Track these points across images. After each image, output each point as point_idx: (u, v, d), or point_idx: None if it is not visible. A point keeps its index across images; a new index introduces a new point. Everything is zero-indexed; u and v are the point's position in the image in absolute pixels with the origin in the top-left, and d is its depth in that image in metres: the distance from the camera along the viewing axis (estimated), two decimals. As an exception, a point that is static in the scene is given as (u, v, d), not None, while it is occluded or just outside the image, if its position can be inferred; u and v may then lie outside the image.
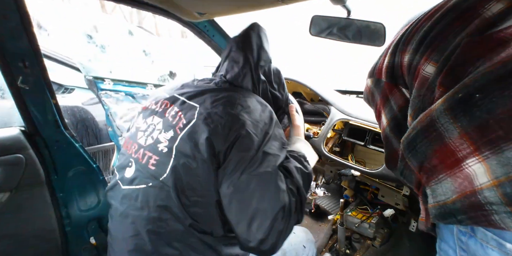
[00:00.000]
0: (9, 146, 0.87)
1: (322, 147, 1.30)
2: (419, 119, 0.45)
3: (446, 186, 0.42)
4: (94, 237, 1.11)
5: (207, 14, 1.09)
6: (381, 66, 0.58)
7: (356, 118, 1.23)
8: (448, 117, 0.40)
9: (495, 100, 0.36)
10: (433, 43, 0.46)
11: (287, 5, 0.83)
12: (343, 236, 1.41)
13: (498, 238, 0.38)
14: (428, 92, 0.46)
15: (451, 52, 0.43)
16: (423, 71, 0.47)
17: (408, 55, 0.51)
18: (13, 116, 0.99)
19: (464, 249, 0.43)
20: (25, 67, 0.81)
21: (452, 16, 0.45)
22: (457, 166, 0.40)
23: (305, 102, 1.60)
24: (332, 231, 1.59)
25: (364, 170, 1.20)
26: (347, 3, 0.96)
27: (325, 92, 1.40)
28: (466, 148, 0.39)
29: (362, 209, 1.51)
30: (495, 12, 0.40)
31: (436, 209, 0.44)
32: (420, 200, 0.52)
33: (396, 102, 0.57)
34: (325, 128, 1.32)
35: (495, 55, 0.37)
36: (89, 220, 1.10)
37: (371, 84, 0.63)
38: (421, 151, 0.46)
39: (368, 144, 1.20)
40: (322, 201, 1.74)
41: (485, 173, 0.37)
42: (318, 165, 1.72)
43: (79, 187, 1.05)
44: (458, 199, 0.40)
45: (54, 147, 0.95)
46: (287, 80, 1.52)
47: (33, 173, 0.92)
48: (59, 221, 1.01)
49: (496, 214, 0.36)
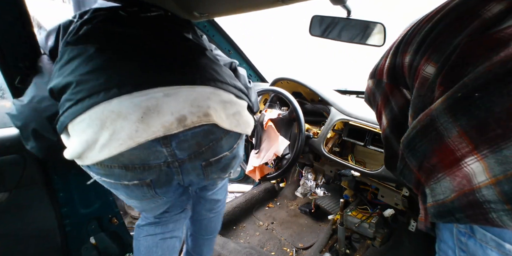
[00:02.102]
0: (9, 146, 0.87)
1: (322, 147, 1.30)
2: (419, 119, 0.45)
3: (445, 185, 0.42)
4: (94, 237, 1.11)
5: (207, 14, 1.09)
6: (383, 67, 0.58)
7: (356, 118, 1.23)
8: (447, 116, 0.41)
9: (494, 99, 0.36)
10: (433, 44, 0.47)
11: (287, 5, 0.83)
12: (343, 236, 1.41)
13: (497, 238, 0.38)
14: (428, 92, 0.46)
15: (451, 53, 0.43)
16: (423, 72, 0.47)
17: (409, 56, 0.51)
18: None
19: (464, 250, 0.43)
20: (25, 67, 0.81)
21: (452, 18, 0.45)
22: (456, 165, 0.41)
23: (305, 102, 1.60)
24: (332, 231, 1.59)
25: (364, 171, 1.20)
26: (347, 3, 0.96)
27: (325, 92, 1.40)
28: (465, 147, 0.39)
29: (362, 209, 1.50)
30: (494, 12, 0.40)
31: (435, 208, 0.44)
32: (419, 200, 0.52)
33: (396, 102, 0.57)
34: (325, 128, 1.32)
35: (494, 54, 0.37)
36: (89, 220, 1.10)
37: (372, 85, 0.63)
38: (420, 151, 0.46)
39: (368, 144, 1.20)
40: (322, 201, 1.74)
41: (483, 172, 0.37)
42: (318, 165, 1.72)
43: (79, 187, 1.05)
44: (456, 198, 0.40)
45: (54, 147, 0.95)
46: (287, 80, 1.52)
47: (33, 173, 0.92)
48: (59, 221, 1.01)
49: (494, 212, 0.36)
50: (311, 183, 1.80)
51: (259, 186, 2.08)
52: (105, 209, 1.14)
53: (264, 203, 1.98)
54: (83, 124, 0.62)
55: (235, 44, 1.60)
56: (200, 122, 0.66)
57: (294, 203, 1.98)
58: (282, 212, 1.89)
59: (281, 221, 1.80)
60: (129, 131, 0.61)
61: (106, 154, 0.61)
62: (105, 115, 0.61)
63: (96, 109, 0.61)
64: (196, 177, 0.78)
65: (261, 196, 1.99)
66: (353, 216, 1.44)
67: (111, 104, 0.61)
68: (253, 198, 1.94)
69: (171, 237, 0.99)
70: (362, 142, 1.22)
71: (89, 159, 0.63)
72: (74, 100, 0.62)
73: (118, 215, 1.19)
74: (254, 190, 2.01)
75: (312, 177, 1.79)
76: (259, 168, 1.36)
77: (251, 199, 1.92)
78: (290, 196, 2.02)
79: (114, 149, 0.61)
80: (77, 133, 0.63)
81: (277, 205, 1.99)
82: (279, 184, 2.09)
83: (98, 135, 0.61)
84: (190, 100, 0.66)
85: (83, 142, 0.62)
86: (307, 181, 1.83)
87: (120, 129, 0.60)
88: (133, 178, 0.69)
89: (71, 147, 0.65)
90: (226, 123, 0.72)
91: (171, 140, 0.66)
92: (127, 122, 0.61)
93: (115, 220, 1.17)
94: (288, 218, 1.83)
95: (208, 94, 0.70)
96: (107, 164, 0.65)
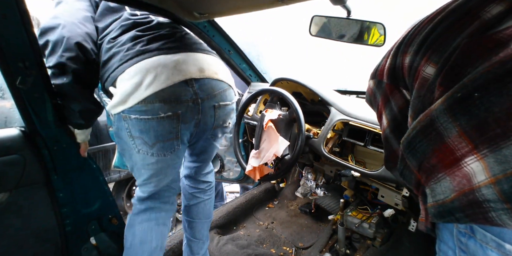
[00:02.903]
0: (9, 146, 0.87)
1: (322, 148, 1.30)
2: (419, 119, 0.46)
3: (445, 185, 0.42)
4: (94, 237, 1.11)
5: (207, 15, 1.09)
6: (383, 67, 0.59)
7: (356, 118, 1.23)
8: (447, 117, 0.41)
9: (493, 99, 0.37)
10: (433, 45, 0.47)
11: (287, 5, 0.83)
12: (343, 236, 1.41)
13: (497, 238, 0.38)
14: (428, 93, 0.47)
15: (451, 53, 0.43)
16: (423, 72, 0.47)
17: (409, 56, 0.51)
18: (13, 116, 0.99)
19: (464, 250, 0.43)
20: (25, 67, 0.81)
21: (452, 19, 0.45)
22: (455, 165, 0.41)
23: (305, 103, 1.60)
24: (332, 231, 1.59)
25: (364, 171, 1.20)
26: (347, 3, 0.96)
27: (325, 92, 1.40)
28: (465, 147, 0.39)
29: (362, 209, 1.51)
30: (494, 14, 0.40)
31: (435, 208, 0.44)
32: (419, 201, 0.52)
33: (396, 103, 0.57)
34: (325, 129, 1.32)
35: (493, 55, 0.37)
36: (89, 220, 1.10)
37: (373, 86, 0.63)
38: (420, 151, 0.46)
39: (368, 144, 1.20)
40: (322, 201, 1.74)
41: (483, 171, 0.37)
42: (318, 165, 1.72)
43: (79, 187, 1.05)
44: (456, 198, 0.40)
45: (54, 147, 0.95)
46: (287, 80, 1.53)
47: (33, 173, 0.92)
48: (59, 221, 1.01)
49: (493, 211, 0.36)
50: (311, 183, 1.80)
51: (259, 186, 2.08)
52: (105, 209, 1.14)
53: (264, 203, 1.99)
54: (131, 73, 0.85)
55: (235, 44, 1.60)
56: (212, 76, 0.97)
57: (294, 203, 1.99)
58: (282, 212, 1.89)
59: (281, 221, 1.80)
60: (167, 74, 0.87)
61: (151, 90, 0.85)
62: (149, 65, 0.86)
63: (141, 63, 0.86)
64: (209, 118, 1.03)
65: (261, 196, 2.00)
66: (353, 216, 1.44)
67: (153, 59, 0.87)
68: (253, 198, 1.94)
69: (163, 224, 1.14)
70: (362, 142, 1.22)
71: (136, 98, 0.85)
72: (124, 60, 0.88)
73: (118, 215, 1.19)
74: (254, 190, 2.01)
75: (312, 177, 1.79)
76: (259, 168, 1.36)
77: (251, 199, 1.92)
78: (290, 196, 2.03)
79: (157, 87, 0.85)
80: (125, 81, 0.86)
81: (277, 205, 1.99)
82: (279, 184, 2.09)
83: (144, 78, 0.85)
84: (205, 60, 0.98)
85: (132, 84, 0.85)
86: (307, 181, 1.83)
87: (160, 73, 0.86)
88: (169, 110, 0.89)
89: (120, 91, 0.86)
90: (228, 80, 1.05)
91: (195, 83, 0.93)
92: (166, 68, 0.87)
93: (115, 220, 1.17)
94: (288, 218, 1.83)
95: (213, 59, 1.03)
96: (150, 100, 0.86)
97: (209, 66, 0.98)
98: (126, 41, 0.93)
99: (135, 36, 0.94)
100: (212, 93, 0.99)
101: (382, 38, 1.11)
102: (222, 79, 1.01)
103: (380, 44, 1.13)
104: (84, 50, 0.92)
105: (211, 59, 1.02)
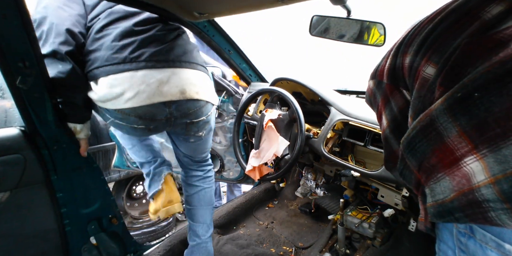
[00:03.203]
0: (9, 146, 0.87)
1: (322, 148, 1.30)
2: (419, 119, 0.46)
3: (445, 184, 0.42)
4: (94, 237, 1.11)
5: (207, 14, 1.09)
6: (383, 68, 0.59)
7: (356, 118, 1.23)
8: (447, 116, 0.41)
9: (493, 99, 0.37)
10: (434, 45, 0.47)
11: (287, 5, 0.83)
12: (343, 236, 1.41)
13: (497, 238, 0.38)
14: (428, 93, 0.47)
15: (451, 53, 0.43)
16: (423, 73, 0.47)
17: (409, 57, 0.51)
18: (13, 116, 0.99)
19: (463, 250, 0.43)
20: (25, 67, 0.81)
21: (452, 19, 0.45)
22: (455, 165, 0.41)
23: (305, 102, 1.60)
24: (332, 231, 1.59)
25: (364, 172, 1.20)
26: (347, 3, 0.96)
27: (325, 92, 1.40)
28: (465, 147, 0.39)
29: (362, 209, 1.50)
30: (494, 14, 0.40)
31: (435, 208, 0.44)
32: (419, 200, 0.52)
33: (396, 103, 0.57)
34: (325, 129, 1.32)
35: (493, 55, 0.37)
36: (89, 220, 1.10)
37: (373, 86, 0.63)
38: (420, 151, 0.46)
39: (368, 144, 1.20)
40: (322, 201, 1.74)
41: (482, 171, 0.37)
42: (318, 165, 1.72)
43: (79, 187, 1.05)
44: (456, 197, 0.40)
45: (54, 147, 0.95)
46: (287, 80, 1.53)
47: (33, 173, 0.92)
48: (59, 221, 1.01)
49: (492, 211, 0.36)
50: (311, 183, 1.80)
51: (259, 186, 2.08)
52: (105, 209, 1.14)
53: (264, 203, 1.98)
54: (114, 82, 0.90)
55: (235, 44, 1.60)
56: (192, 97, 1.01)
57: (294, 203, 1.98)
58: (282, 212, 1.89)
59: (281, 221, 1.80)
60: (148, 94, 0.92)
61: (130, 105, 0.91)
62: (134, 80, 0.90)
63: (126, 74, 0.90)
64: (180, 130, 1.14)
65: (261, 196, 1.99)
66: (353, 216, 1.44)
67: (139, 74, 0.91)
68: (253, 198, 1.94)
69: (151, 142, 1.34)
70: (362, 142, 1.22)
71: (114, 106, 0.92)
72: (110, 62, 0.90)
73: (118, 215, 1.19)
74: (254, 190, 2.01)
75: (312, 177, 1.79)
76: (259, 168, 1.36)
77: (251, 199, 1.92)
78: (290, 196, 2.02)
79: (136, 103, 0.91)
80: (108, 86, 0.90)
81: (277, 205, 1.99)
82: (279, 184, 2.09)
83: (125, 91, 0.90)
84: (189, 79, 1.01)
85: (113, 94, 0.90)
86: (307, 181, 1.83)
87: (142, 91, 0.91)
88: (142, 124, 0.99)
89: (100, 92, 0.91)
90: (207, 97, 1.09)
91: (172, 104, 0.99)
92: (148, 87, 0.92)
93: (115, 220, 1.17)
94: (288, 218, 1.83)
95: (199, 75, 1.06)
96: (127, 112, 0.94)
97: (191, 87, 1.00)
98: (116, 37, 0.93)
99: (125, 33, 0.94)
100: (187, 112, 1.05)
101: (382, 38, 1.11)
102: (201, 98, 1.05)
103: (380, 44, 1.13)
104: (73, 35, 0.91)
105: (195, 76, 1.04)
